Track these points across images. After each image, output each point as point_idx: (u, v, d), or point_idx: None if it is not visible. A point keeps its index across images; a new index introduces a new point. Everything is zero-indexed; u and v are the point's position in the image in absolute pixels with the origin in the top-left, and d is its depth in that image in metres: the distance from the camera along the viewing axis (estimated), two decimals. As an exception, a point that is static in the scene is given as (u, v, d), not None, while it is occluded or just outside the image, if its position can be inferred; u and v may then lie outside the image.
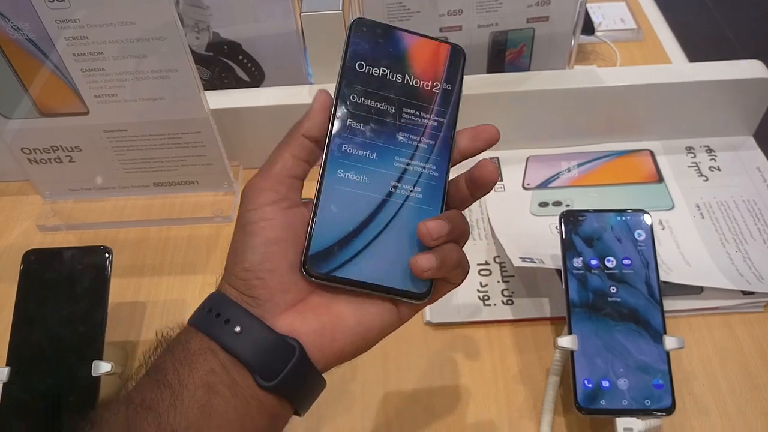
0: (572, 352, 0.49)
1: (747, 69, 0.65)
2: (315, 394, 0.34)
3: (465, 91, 0.37)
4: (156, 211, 0.67)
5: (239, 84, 0.73)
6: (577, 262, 0.51)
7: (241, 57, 0.70)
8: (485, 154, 0.37)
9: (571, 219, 0.52)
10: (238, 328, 0.31)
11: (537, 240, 0.61)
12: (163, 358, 0.32)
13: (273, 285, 0.33)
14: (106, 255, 0.50)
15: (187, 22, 0.67)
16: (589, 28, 0.79)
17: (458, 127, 0.36)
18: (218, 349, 0.32)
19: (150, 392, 0.31)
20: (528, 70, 0.71)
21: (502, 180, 0.68)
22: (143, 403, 0.30)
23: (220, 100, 0.64)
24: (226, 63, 0.71)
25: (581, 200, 0.65)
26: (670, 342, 0.48)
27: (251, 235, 0.33)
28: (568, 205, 0.64)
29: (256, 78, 0.72)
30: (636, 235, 0.51)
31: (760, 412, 0.50)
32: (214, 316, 0.32)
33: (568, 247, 0.52)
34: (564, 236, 0.52)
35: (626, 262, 0.51)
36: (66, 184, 0.67)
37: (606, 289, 0.50)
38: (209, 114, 0.60)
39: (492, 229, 0.63)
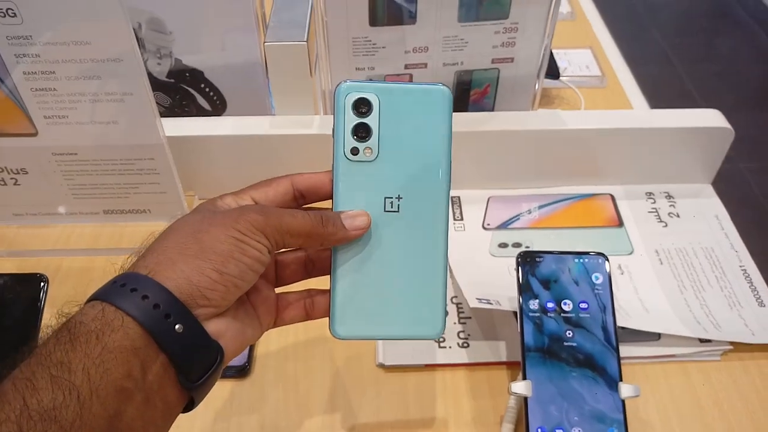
0: (526, 399, 0.47)
1: (706, 117, 0.65)
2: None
3: None
4: (104, 240, 0.65)
5: (200, 113, 0.71)
6: (533, 304, 0.50)
7: (203, 85, 0.69)
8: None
9: (528, 260, 0.51)
10: (179, 327, 0.30)
11: (495, 281, 0.60)
12: (66, 347, 0.28)
13: (231, 297, 0.33)
14: (41, 284, 0.47)
15: (148, 48, 0.66)
16: (554, 72, 0.80)
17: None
18: (146, 347, 0.29)
19: (49, 394, 0.26)
20: (492, 110, 0.71)
21: (462, 219, 0.67)
22: (41, 410, 0.26)
23: (177, 127, 0.62)
24: (187, 91, 0.70)
25: (541, 242, 0.64)
26: (626, 390, 0.47)
27: (241, 249, 0.32)
28: (527, 247, 0.63)
29: (217, 107, 0.71)
30: (593, 279, 0.51)
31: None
32: (151, 306, 0.30)
33: (524, 289, 0.50)
34: (520, 277, 0.51)
35: (583, 305, 0.50)
36: (10, 208, 0.64)
37: (562, 333, 0.49)
38: (164, 140, 0.58)
39: (450, 268, 0.61)
